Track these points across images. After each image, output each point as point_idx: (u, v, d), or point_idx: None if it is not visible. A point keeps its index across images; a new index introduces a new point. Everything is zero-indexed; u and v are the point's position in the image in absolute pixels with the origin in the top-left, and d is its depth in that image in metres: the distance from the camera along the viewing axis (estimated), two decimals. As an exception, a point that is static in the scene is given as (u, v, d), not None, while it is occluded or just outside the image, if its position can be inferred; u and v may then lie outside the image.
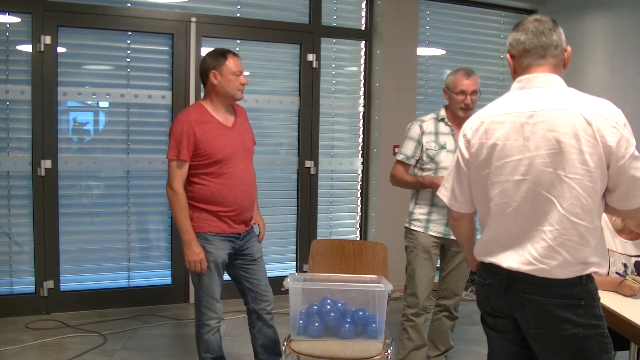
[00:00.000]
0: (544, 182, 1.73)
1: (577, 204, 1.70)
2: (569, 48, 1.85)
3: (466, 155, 1.90)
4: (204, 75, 2.81)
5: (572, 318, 1.74)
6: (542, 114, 1.73)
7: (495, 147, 1.80)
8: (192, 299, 4.57)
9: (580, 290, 1.74)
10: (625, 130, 1.69)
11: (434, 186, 2.98)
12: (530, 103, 1.77)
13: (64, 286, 4.27)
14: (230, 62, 2.77)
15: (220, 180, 2.77)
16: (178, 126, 2.76)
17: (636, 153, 1.69)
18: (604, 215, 2.79)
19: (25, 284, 4.18)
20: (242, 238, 2.90)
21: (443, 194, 2.02)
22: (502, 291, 1.83)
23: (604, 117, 1.67)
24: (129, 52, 4.35)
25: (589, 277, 1.77)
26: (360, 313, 2.79)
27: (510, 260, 1.80)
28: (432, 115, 3.25)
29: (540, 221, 1.75)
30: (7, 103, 4.07)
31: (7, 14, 4.02)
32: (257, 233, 3.04)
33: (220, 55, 2.80)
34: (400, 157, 3.18)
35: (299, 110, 4.81)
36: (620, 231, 2.76)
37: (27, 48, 4.06)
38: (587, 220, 1.71)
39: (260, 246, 3.02)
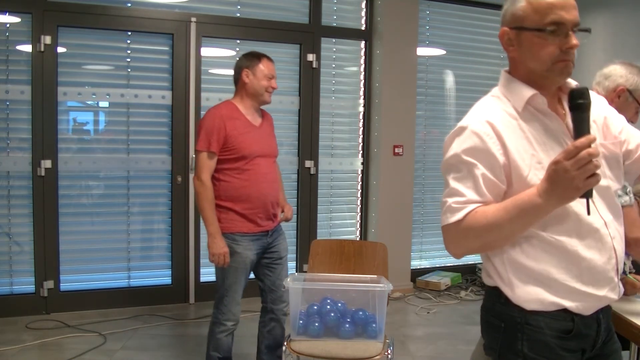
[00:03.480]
0: None
1: None
2: (500, 31, 1.49)
3: None
4: (236, 74, 2.93)
5: (490, 342, 1.53)
6: None
7: None
8: (192, 299, 4.57)
9: (501, 309, 1.48)
10: (444, 145, 1.47)
11: None
12: None
13: (64, 286, 4.27)
14: (264, 65, 2.90)
15: (244, 177, 2.84)
16: (209, 119, 2.83)
17: (443, 176, 1.46)
18: None
19: (25, 284, 4.18)
20: (271, 235, 2.97)
21: None
22: None
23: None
24: (129, 52, 4.35)
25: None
26: (360, 313, 2.78)
27: None
28: None
29: None
30: (7, 103, 4.07)
31: (7, 14, 4.02)
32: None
33: (255, 57, 2.93)
34: None
35: (299, 110, 4.81)
36: None
37: (27, 48, 4.06)
38: None
39: (287, 245, 3.11)
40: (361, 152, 5.12)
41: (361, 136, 5.11)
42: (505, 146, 1.39)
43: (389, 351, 2.73)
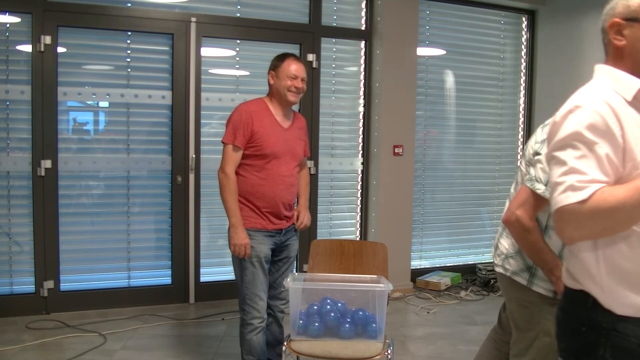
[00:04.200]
0: None
1: None
2: (610, 21, 1.47)
3: None
4: (268, 76, 2.99)
5: (568, 346, 1.52)
6: None
7: None
8: (192, 299, 4.57)
9: (586, 314, 1.45)
10: (548, 127, 1.44)
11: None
12: None
13: (64, 286, 4.27)
14: (287, 65, 2.93)
15: (262, 175, 2.88)
16: (238, 114, 2.88)
17: (556, 156, 1.39)
18: None
19: (25, 284, 4.18)
20: (284, 234, 3.00)
21: None
22: None
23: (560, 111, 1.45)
24: (129, 52, 4.35)
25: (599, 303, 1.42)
26: (360, 313, 2.78)
27: None
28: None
29: None
30: (7, 103, 4.07)
31: (7, 14, 4.01)
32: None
33: (280, 58, 2.96)
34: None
35: (299, 110, 4.80)
36: None
37: (27, 48, 4.06)
38: None
39: (297, 247, 3.14)
40: (361, 152, 5.12)
41: (361, 136, 5.11)
42: (623, 129, 1.35)
43: (389, 351, 2.73)
